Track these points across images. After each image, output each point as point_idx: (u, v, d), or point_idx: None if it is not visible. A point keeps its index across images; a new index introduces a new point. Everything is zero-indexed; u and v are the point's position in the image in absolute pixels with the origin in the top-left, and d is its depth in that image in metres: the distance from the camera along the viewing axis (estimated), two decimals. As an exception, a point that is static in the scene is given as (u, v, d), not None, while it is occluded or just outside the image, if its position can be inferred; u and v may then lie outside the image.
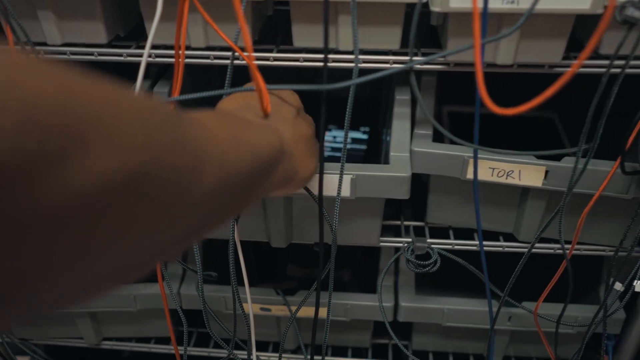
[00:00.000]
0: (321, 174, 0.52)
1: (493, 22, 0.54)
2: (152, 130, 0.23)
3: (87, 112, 0.19)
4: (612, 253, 0.70)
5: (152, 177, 0.22)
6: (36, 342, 0.89)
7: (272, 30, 0.67)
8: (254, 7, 0.60)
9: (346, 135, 0.57)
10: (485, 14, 0.50)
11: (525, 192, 0.67)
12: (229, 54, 0.58)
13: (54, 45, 0.62)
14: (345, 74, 0.57)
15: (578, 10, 0.52)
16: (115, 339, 0.88)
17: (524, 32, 0.55)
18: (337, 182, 0.61)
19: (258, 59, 0.62)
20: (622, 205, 0.64)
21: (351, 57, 0.58)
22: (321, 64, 0.49)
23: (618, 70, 0.52)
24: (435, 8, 0.53)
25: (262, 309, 0.80)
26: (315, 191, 0.54)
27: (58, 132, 0.18)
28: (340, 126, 0.91)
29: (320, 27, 0.53)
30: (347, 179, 0.62)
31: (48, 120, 0.17)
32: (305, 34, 0.60)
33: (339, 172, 0.60)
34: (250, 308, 0.67)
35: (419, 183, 0.75)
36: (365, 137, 0.90)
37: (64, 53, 0.63)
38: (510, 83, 0.71)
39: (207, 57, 0.62)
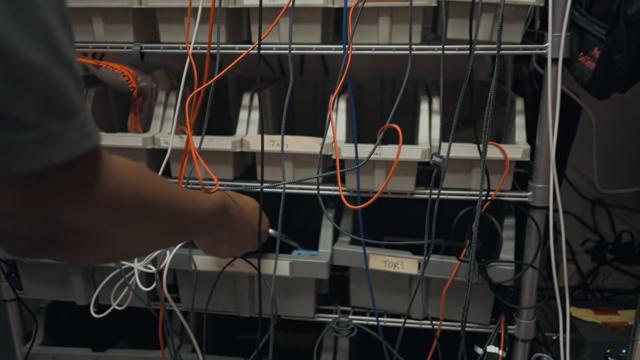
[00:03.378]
0: (259, 251, 0.88)
1: (369, 164, 0.90)
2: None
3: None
4: (476, 328, 0.99)
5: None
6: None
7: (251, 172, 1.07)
8: (235, 158, 1.00)
9: (279, 230, 0.92)
10: (357, 160, 0.88)
11: (410, 279, 0.99)
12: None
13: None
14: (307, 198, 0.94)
15: (415, 159, 0.89)
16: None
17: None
18: (285, 266, 0.95)
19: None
20: (475, 289, 0.95)
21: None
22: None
23: (435, 196, 0.88)
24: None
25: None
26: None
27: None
28: (304, 247, 1.26)
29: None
30: (287, 264, 0.96)
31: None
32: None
33: (278, 258, 0.95)
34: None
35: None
36: (321, 254, 1.24)
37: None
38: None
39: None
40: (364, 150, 0.90)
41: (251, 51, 0.89)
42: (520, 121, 0.94)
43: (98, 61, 0.99)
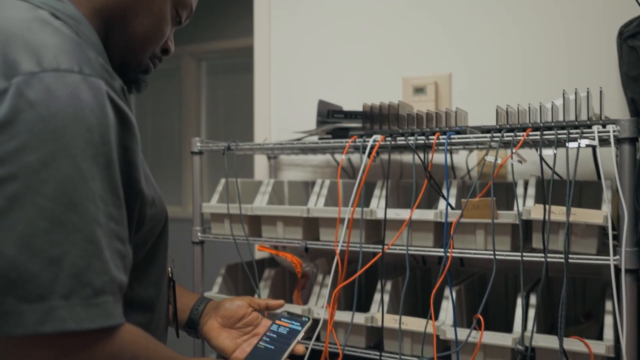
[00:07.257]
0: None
1: (468, 346, 1.11)
2: None
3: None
4: None
5: None
6: None
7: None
8: (367, 331, 1.27)
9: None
10: (457, 342, 1.10)
11: None
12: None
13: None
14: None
15: (507, 345, 1.07)
16: None
17: (486, 353, 1.11)
18: None
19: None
20: None
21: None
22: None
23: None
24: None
25: None
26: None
27: None
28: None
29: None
30: None
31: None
32: (389, 344, 1.23)
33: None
34: None
35: None
36: None
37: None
38: None
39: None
40: (465, 333, 1.11)
41: (379, 251, 1.21)
42: (608, 320, 1.07)
43: (278, 251, 1.39)
